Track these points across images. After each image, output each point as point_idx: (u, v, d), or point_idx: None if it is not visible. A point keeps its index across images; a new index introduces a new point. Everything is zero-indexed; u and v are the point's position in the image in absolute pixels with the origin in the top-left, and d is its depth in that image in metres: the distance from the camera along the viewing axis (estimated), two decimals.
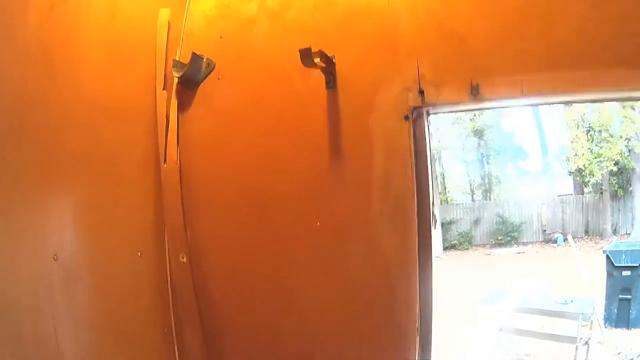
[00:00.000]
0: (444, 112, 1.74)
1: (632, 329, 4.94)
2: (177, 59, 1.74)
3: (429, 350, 1.58)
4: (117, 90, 1.55)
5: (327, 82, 1.61)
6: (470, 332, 5.27)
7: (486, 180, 15.06)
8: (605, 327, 4.88)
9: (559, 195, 13.37)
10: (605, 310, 5.12)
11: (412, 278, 1.53)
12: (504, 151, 14.50)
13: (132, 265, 1.55)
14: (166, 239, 1.71)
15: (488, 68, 1.49)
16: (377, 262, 1.58)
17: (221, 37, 1.77)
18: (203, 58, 1.74)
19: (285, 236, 1.68)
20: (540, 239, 12.85)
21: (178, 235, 1.71)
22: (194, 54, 1.70)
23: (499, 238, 13.00)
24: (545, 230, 12.92)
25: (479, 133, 13.68)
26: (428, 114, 1.61)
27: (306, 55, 1.41)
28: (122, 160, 1.57)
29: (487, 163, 14.90)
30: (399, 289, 1.56)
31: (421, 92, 1.53)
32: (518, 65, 1.47)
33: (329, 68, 1.57)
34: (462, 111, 7.81)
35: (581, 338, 4.02)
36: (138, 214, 1.63)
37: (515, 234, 12.96)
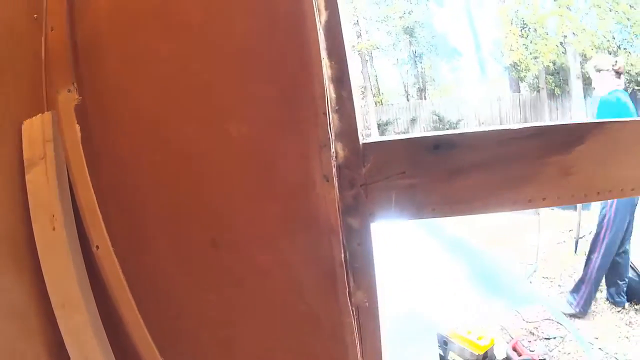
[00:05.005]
0: None
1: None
2: None
3: None
4: None
5: None
6: None
7: (420, 80, 14.31)
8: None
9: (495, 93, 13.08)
10: None
11: None
12: (437, 49, 13.82)
13: None
14: None
15: None
16: None
17: None
18: None
19: None
20: None
21: None
22: None
23: None
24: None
25: (409, 31, 12.88)
26: None
27: None
28: None
29: (420, 62, 13.69)
30: None
31: None
32: None
33: None
34: None
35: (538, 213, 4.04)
36: None
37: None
